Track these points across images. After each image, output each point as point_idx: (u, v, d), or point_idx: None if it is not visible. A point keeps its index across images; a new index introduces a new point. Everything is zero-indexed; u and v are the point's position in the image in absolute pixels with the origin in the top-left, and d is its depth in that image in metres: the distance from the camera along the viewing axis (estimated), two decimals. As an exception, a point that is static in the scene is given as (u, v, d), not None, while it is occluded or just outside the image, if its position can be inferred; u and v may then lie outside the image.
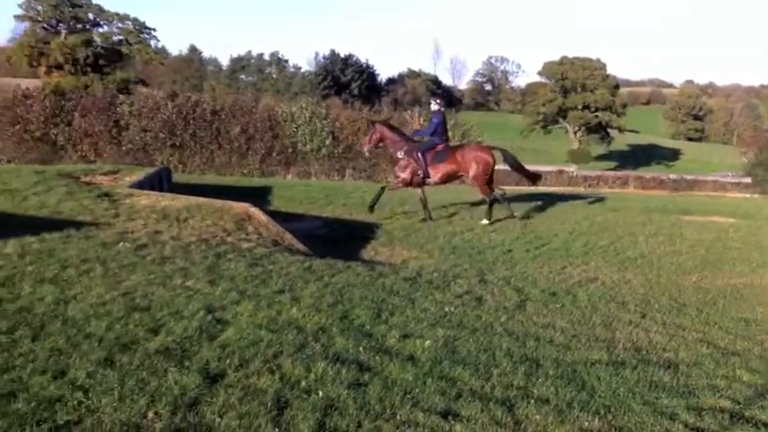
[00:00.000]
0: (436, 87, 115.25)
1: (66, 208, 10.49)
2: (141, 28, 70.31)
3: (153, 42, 72.92)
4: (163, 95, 33.16)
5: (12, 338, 5.07)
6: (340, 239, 12.79)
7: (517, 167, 16.28)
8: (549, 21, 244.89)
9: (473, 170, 14.79)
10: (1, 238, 8.06)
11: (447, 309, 6.93)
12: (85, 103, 27.85)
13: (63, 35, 68.09)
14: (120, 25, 70.71)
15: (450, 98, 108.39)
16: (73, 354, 4.83)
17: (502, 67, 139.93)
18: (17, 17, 69.74)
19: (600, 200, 21.91)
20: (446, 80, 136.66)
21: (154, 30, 71.59)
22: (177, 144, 27.96)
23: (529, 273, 10.37)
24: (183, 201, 11.72)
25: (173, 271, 7.33)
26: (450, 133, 16.41)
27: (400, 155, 15.11)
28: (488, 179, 15.08)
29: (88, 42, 67.81)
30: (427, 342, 5.65)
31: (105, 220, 9.91)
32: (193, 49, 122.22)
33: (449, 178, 15.29)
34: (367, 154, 19.92)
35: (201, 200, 11.93)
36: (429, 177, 14.93)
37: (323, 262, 8.78)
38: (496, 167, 15.53)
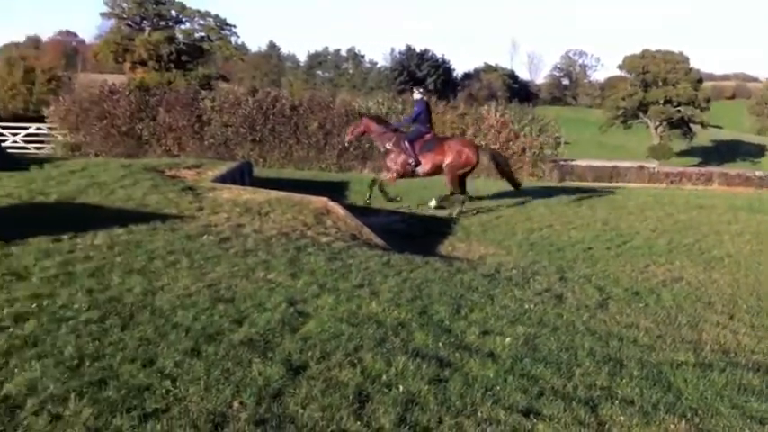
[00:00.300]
0: (512, 82, 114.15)
1: (152, 201, 10.81)
2: (222, 24, 71.75)
3: (233, 39, 74.38)
4: (243, 91, 33.79)
5: (102, 327, 5.25)
6: (417, 234, 12.80)
7: (505, 173, 16.09)
8: (630, 14, 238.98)
9: (450, 158, 14.57)
10: (91, 230, 8.37)
11: (527, 306, 6.86)
12: (169, 99, 28.57)
13: (147, 32, 70.08)
14: (201, 22, 72.34)
15: (526, 93, 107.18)
16: (161, 343, 4.97)
17: (580, 61, 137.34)
18: (103, 14, 72.27)
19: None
20: (523, 74, 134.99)
21: (234, 26, 73.25)
22: (257, 139, 28.42)
23: (610, 271, 10.18)
24: (263, 195, 11.94)
25: (255, 264, 7.48)
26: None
27: (389, 146, 14.99)
28: (462, 175, 14.85)
29: (171, 39, 69.57)
30: (507, 339, 5.61)
31: (189, 213, 10.18)
32: (272, 46, 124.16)
33: (438, 169, 14.90)
34: (346, 144, 20.31)
35: (281, 194, 12.12)
36: (419, 166, 14.76)
37: (401, 257, 8.81)
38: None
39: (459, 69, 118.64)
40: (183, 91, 31.01)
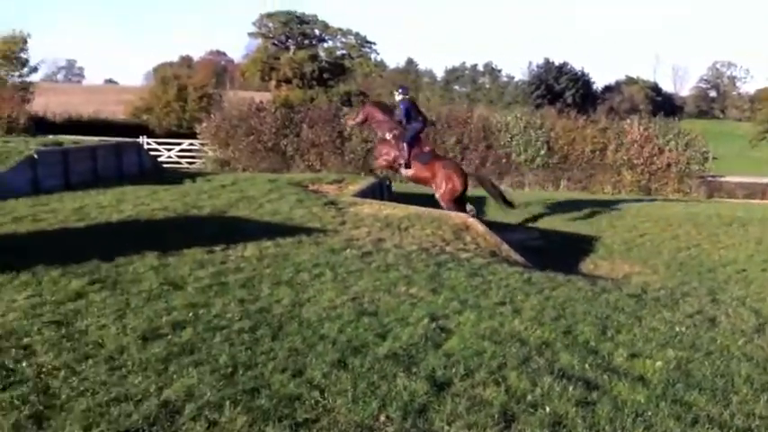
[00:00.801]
0: (655, 95, 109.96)
1: (297, 215, 11.18)
2: (363, 42, 73.48)
3: (373, 56, 75.98)
4: (382, 107, 34.27)
5: (254, 337, 5.47)
6: (557, 251, 12.58)
7: (494, 195, 15.71)
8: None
9: (441, 189, 14.36)
10: (241, 242, 8.75)
11: (677, 329, 6.58)
12: (312, 116, 29.47)
13: (291, 51, 72.71)
14: (343, 40, 74.38)
15: (670, 106, 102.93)
16: (309, 354, 5.12)
17: (728, 73, 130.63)
18: (251, 34, 75.79)
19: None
20: (667, 87, 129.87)
21: (374, 44, 74.71)
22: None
23: (766, 293, 9.61)
24: (403, 210, 12.08)
25: (396, 278, 7.57)
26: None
27: (388, 136, 14.75)
28: (456, 199, 14.34)
29: (314, 57, 71.87)
30: (658, 363, 5.40)
31: (332, 227, 10.45)
32: (410, 62, 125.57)
33: (418, 181, 15.00)
34: (348, 129, 21.41)
35: (421, 209, 12.22)
36: (408, 168, 14.55)
37: (542, 274, 8.67)
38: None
39: (600, 82, 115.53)
40: (324, 108, 31.86)
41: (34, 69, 39.47)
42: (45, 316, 5.62)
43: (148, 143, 30.03)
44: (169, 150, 31.83)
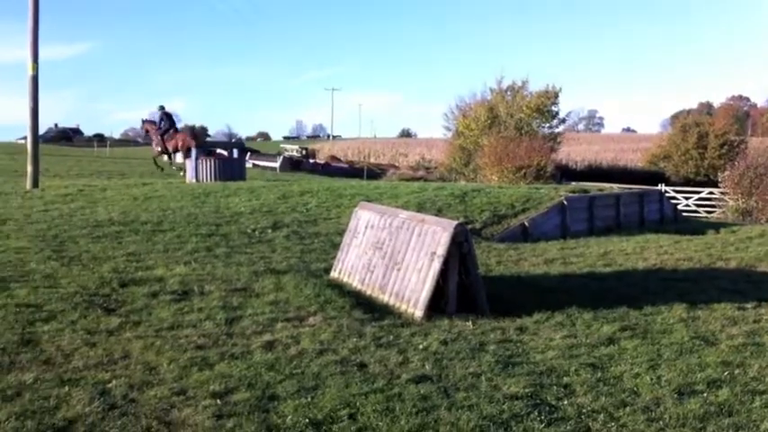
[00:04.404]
0: None
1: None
2: None
3: None
4: None
5: None
6: None
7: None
8: None
9: (180, 143, 24.67)
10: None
11: None
12: None
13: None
14: None
15: None
16: None
17: None
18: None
19: None
20: None
21: None
22: None
23: None
24: None
25: None
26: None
27: (154, 137, 26.01)
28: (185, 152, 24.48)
29: None
30: None
31: None
32: None
33: (175, 150, 25.11)
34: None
35: None
36: (168, 150, 25.42)
37: None
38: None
39: None
40: None
41: (562, 121, 41.99)
42: (581, 358, 5.87)
43: (666, 191, 29.71)
44: (687, 198, 31.06)
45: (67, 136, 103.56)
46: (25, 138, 22.84)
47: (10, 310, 6.56)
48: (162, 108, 26.52)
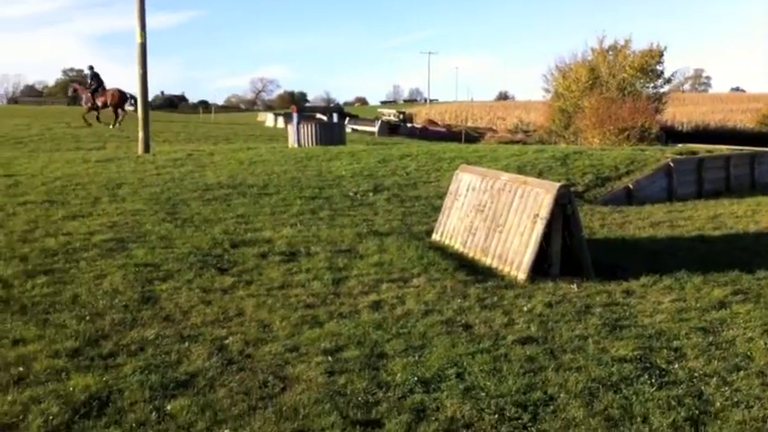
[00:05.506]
0: None
1: None
2: None
3: None
4: None
5: None
6: None
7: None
8: None
9: (109, 99, 28.03)
10: None
11: None
12: None
13: None
14: None
15: None
16: None
17: None
18: None
19: None
20: None
21: None
22: None
23: None
24: None
25: None
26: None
27: (83, 96, 29.24)
28: (114, 107, 28.21)
29: None
30: None
31: None
32: None
33: (104, 105, 28.23)
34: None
35: None
36: (97, 105, 28.39)
37: None
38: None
39: None
40: None
41: (668, 81, 40.48)
42: (691, 321, 5.75)
43: (780, 152, 28.31)
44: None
45: (173, 103, 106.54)
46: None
47: (129, 269, 6.90)
48: (91, 68, 29.19)
